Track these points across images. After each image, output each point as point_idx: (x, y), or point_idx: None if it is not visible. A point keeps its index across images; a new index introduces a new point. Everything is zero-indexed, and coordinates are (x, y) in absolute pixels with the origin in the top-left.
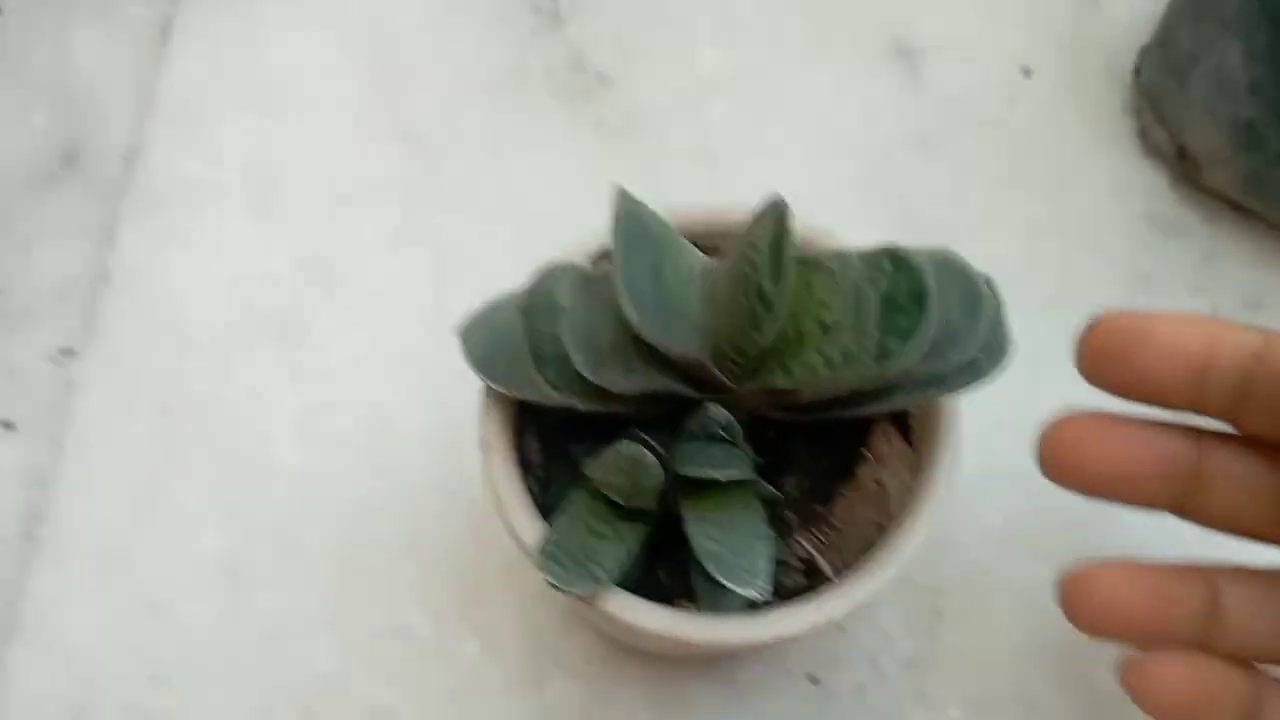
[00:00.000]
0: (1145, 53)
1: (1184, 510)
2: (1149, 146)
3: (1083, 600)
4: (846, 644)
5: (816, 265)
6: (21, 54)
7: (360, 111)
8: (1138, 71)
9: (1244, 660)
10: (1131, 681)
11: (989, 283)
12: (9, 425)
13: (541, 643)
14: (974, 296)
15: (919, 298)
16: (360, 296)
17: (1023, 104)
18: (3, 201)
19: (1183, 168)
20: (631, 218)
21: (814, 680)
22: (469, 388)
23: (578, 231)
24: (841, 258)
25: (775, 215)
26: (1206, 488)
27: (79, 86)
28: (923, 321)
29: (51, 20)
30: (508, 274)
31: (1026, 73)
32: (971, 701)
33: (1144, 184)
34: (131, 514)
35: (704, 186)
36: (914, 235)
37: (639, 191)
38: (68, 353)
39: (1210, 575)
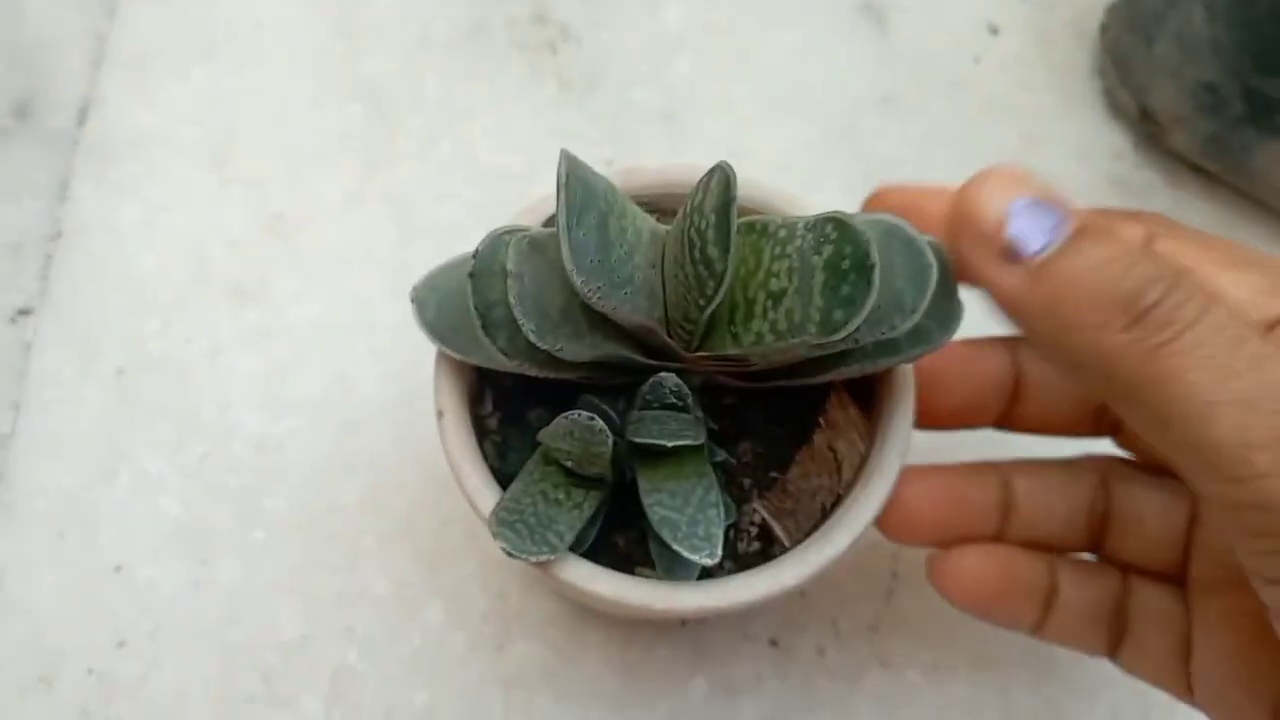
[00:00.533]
0: (1112, 11)
1: (1006, 422)
2: (1114, 108)
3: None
4: (807, 608)
5: (765, 231)
6: None
7: (318, 66)
8: (1104, 30)
9: (1040, 546)
10: (936, 579)
11: (937, 250)
12: None
13: (504, 606)
14: (920, 264)
15: (862, 266)
16: (319, 255)
17: (989, 63)
18: None
19: (1146, 129)
20: (576, 181)
21: (775, 643)
22: (431, 349)
23: (538, 191)
24: (789, 224)
25: (721, 182)
26: (1023, 398)
27: (31, 37)
28: (866, 290)
29: None
30: (469, 233)
31: (994, 31)
32: (930, 663)
33: (1108, 145)
34: (91, 477)
35: (667, 145)
36: None
37: (600, 150)
38: (24, 312)
39: (1002, 471)
